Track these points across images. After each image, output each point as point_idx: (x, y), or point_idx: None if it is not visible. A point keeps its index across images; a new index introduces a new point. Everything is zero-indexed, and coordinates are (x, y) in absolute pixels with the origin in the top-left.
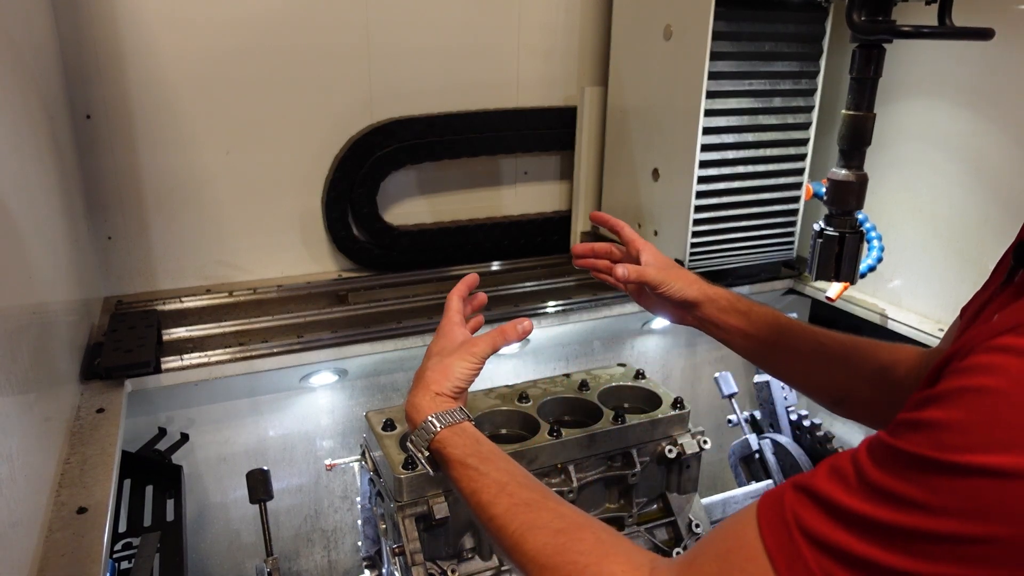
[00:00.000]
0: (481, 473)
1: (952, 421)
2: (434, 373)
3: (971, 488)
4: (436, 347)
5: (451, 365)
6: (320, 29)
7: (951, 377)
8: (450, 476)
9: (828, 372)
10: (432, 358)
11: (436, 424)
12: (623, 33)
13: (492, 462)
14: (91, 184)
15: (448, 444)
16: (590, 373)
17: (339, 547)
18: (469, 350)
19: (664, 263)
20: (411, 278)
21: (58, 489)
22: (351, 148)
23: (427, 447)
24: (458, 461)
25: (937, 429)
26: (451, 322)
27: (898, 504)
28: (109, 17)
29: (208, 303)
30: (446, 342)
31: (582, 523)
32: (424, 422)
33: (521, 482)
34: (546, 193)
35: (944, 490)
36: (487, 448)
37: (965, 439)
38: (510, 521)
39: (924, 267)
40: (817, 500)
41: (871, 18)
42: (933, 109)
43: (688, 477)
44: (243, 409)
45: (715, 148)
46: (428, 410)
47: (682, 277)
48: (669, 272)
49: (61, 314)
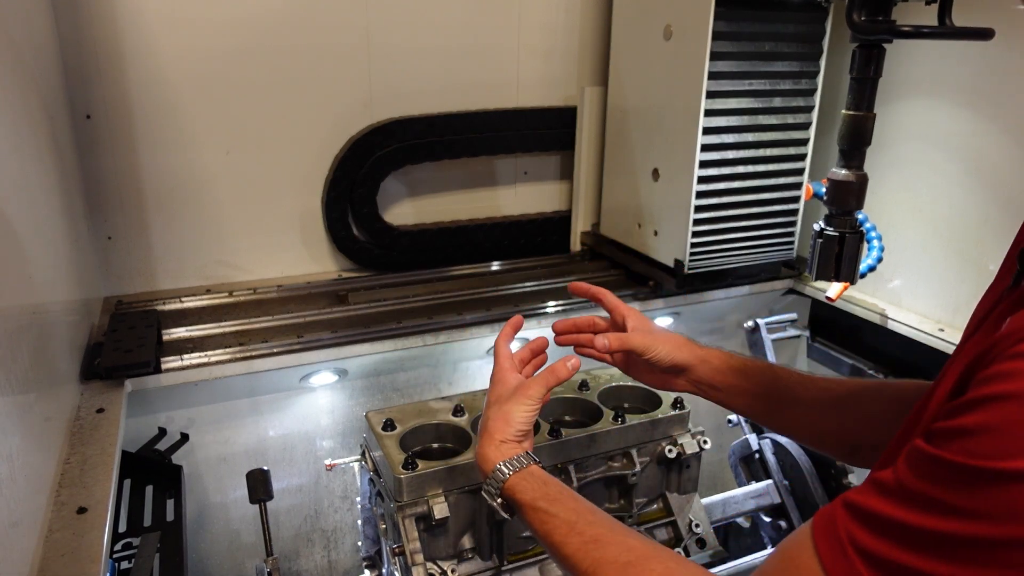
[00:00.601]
0: (551, 515)
1: (981, 428)
2: (495, 422)
3: (1006, 493)
4: (492, 395)
5: (510, 411)
6: (320, 29)
7: (977, 386)
8: (524, 520)
9: (837, 419)
10: (491, 407)
11: (504, 471)
12: (623, 33)
13: (560, 502)
14: (91, 184)
15: (517, 490)
16: (590, 373)
17: (339, 547)
18: (525, 394)
19: (649, 328)
20: (411, 278)
21: (58, 489)
22: (351, 148)
23: (499, 494)
24: (528, 506)
25: (968, 437)
26: (503, 368)
27: (941, 511)
28: (109, 17)
29: (208, 303)
30: (501, 389)
31: (650, 554)
32: (493, 471)
33: (589, 519)
34: (546, 193)
35: (981, 496)
36: (554, 489)
37: (995, 446)
38: (582, 560)
39: (924, 267)
40: (866, 516)
41: (871, 18)
42: (933, 109)
43: (688, 477)
44: (243, 409)
45: (715, 148)
46: (495, 459)
47: (669, 340)
48: (655, 337)
49: (61, 314)
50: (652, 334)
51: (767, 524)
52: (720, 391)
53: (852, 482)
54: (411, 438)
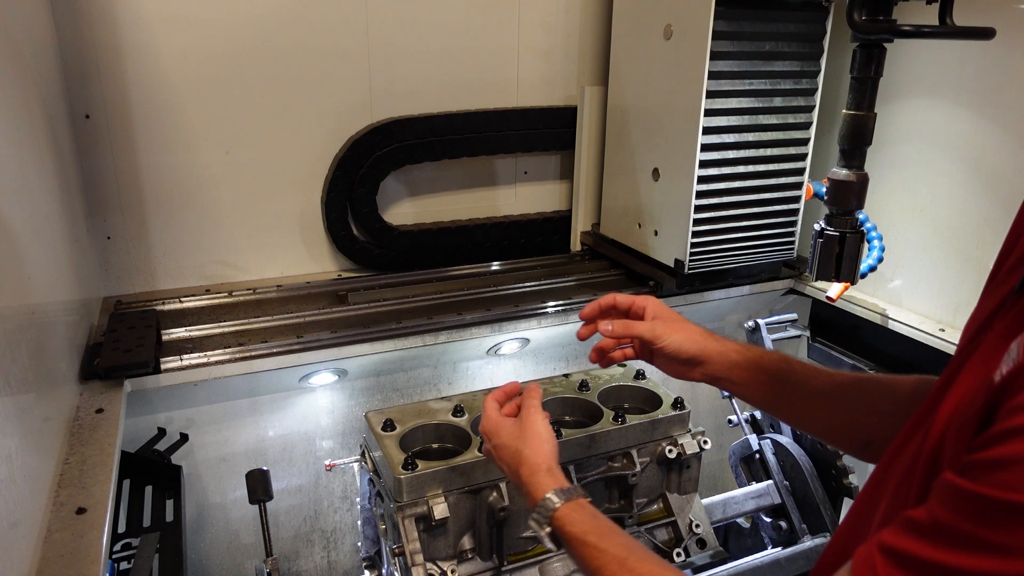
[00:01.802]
0: (601, 550)
1: (1016, 460)
2: (533, 452)
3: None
4: (501, 439)
5: (538, 433)
6: (320, 29)
7: (1007, 416)
8: (571, 553)
9: (850, 414)
10: (508, 447)
11: (555, 501)
12: (623, 33)
13: (610, 537)
14: (91, 184)
15: (567, 521)
16: (590, 373)
17: (339, 547)
18: (536, 421)
19: (668, 316)
20: (411, 278)
21: (57, 489)
22: (351, 148)
23: (548, 523)
24: (578, 539)
25: (1003, 469)
26: (496, 416)
27: (979, 549)
28: (109, 17)
29: (208, 303)
30: (509, 428)
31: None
32: (543, 500)
33: (640, 556)
34: (546, 193)
35: (1020, 531)
36: (604, 524)
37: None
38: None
39: (925, 267)
40: (904, 560)
41: (872, 17)
42: (934, 109)
43: (688, 477)
44: (243, 409)
45: (715, 148)
46: (547, 486)
47: (682, 331)
48: (669, 326)
49: (60, 314)
50: (667, 323)
51: (767, 524)
52: (736, 384)
53: (853, 482)
54: (411, 438)
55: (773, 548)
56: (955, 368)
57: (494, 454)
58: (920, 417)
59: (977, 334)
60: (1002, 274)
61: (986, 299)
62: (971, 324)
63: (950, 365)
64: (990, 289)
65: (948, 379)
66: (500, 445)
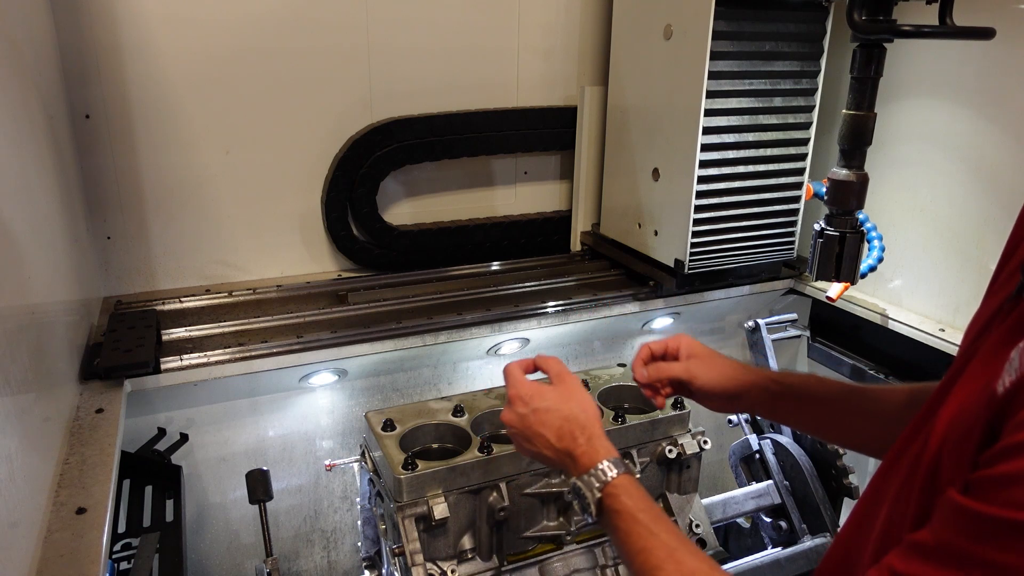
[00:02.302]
0: (652, 532)
1: (1022, 477)
2: (585, 414)
3: None
4: (546, 401)
5: (589, 403)
6: (320, 29)
7: (1013, 431)
8: (615, 527)
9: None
10: (557, 407)
11: (613, 469)
12: (623, 33)
13: (663, 523)
14: (91, 184)
15: (623, 492)
16: (590, 373)
17: (339, 547)
18: (577, 382)
19: (701, 353)
20: (411, 278)
21: (57, 489)
22: (351, 148)
23: (600, 490)
24: (629, 514)
25: (1011, 486)
26: (530, 381)
27: (989, 571)
28: (108, 17)
29: (208, 303)
30: (551, 390)
31: None
32: (597, 467)
33: (691, 549)
34: (546, 193)
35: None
36: (658, 507)
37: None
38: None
39: (924, 267)
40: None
41: (872, 17)
42: (934, 109)
43: (688, 477)
44: (243, 409)
45: (715, 148)
46: (604, 452)
47: (716, 367)
48: (702, 363)
49: (60, 314)
50: (702, 361)
51: (767, 524)
52: (779, 414)
53: (853, 482)
54: (411, 438)
55: (773, 548)
56: (955, 372)
57: (532, 419)
58: (920, 422)
59: (977, 338)
60: (1002, 278)
61: (987, 303)
62: (972, 328)
63: (951, 369)
64: (991, 293)
65: (948, 383)
66: (543, 408)
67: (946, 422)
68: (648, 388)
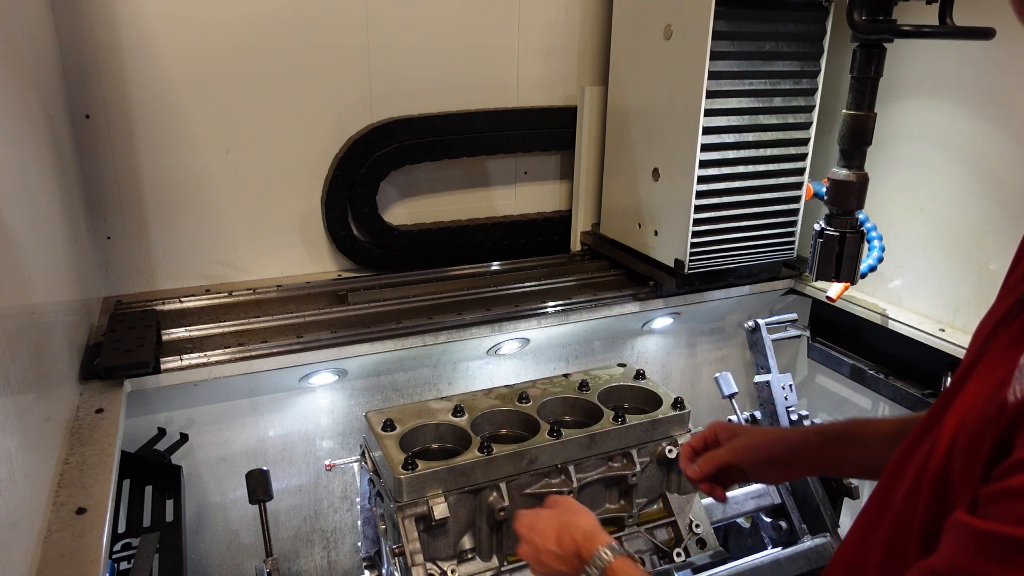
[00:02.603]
0: None
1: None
2: (579, 518)
3: None
4: (541, 521)
5: (582, 509)
6: (320, 29)
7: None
8: None
9: None
10: (556, 519)
11: (609, 553)
12: (623, 33)
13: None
14: (91, 184)
15: (621, 572)
16: (590, 373)
17: (339, 547)
18: (569, 498)
19: (739, 431)
20: (411, 278)
21: (57, 489)
22: (351, 148)
23: (601, 573)
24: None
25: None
26: (527, 513)
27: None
28: (108, 17)
29: (208, 303)
30: (546, 511)
31: None
32: (598, 552)
33: None
34: (546, 193)
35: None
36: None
37: None
38: None
39: (925, 267)
40: None
41: (872, 17)
42: (934, 109)
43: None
44: (243, 409)
45: (715, 148)
46: (600, 541)
47: (756, 442)
48: (742, 442)
49: (60, 314)
50: (743, 440)
51: (767, 524)
52: (829, 464)
53: (853, 482)
54: (411, 438)
55: (773, 548)
56: (962, 376)
57: (537, 540)
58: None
59: (985, 342)
60: (1011, 283)
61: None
62: (980, 332)
63: (957, 373)
64: (1000, 297)
65: (955, 388)
66: (542, 527)
67: (953, 426)
68: (704, 483)
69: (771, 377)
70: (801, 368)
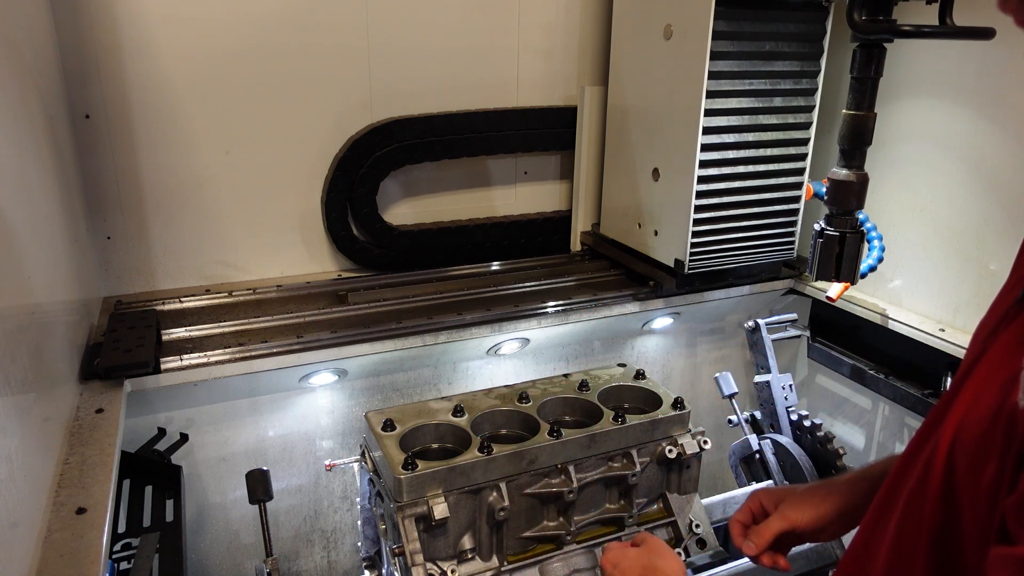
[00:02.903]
0: None
1: None
2: (663, 560)
3: None
4: (627, 560)
5: (670, 553)
6: (320, 29)
7: None
8: None
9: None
10: (635, 561)
11: None
12: (623, 33)
13: None
14: (91, 184)
15: None
16: (590, 373)
17: (339, 547)
18: (659, 541)
19: (782, 495)
20: (411, 278)
21: (57, 489)
22: (351, 148)
23: None
24: None
25: None
26: (613, 547)
27: None
28: (109, 17)
29: (208, 303)
30: (634, 550)
31: None
32: None
33: None
34: (546, 193)
35: None
36: None
37: None
38: None
39: (925, 267)
40: None
41: (872, 17)
42: (934, 109)
43: (688, 477)
44: (243, 409)
45: (715, 148)
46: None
47: (806, 503)
48: (791, 506)
49: (60, 314)
50: (790, 504)
51: None
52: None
53: None
54: (411, 438)
55: None
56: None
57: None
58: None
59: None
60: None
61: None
62: (980, 331)
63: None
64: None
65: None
66: (626, 566)
67: (955, 426)
68: (764, 556)
69: (771, 377)
70: (801, 368)
